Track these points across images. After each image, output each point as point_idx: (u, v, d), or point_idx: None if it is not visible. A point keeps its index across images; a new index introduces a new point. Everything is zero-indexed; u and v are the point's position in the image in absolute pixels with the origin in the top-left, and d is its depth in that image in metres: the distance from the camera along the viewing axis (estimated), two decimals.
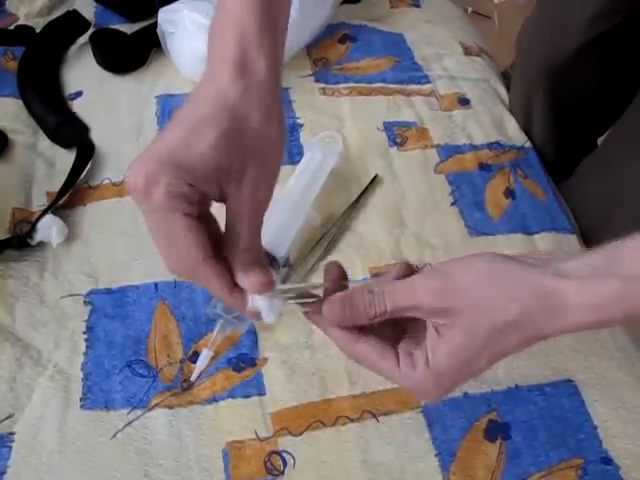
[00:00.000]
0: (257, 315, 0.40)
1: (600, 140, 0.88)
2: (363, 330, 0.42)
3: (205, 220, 0.39)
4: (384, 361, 0.40)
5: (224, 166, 0.37)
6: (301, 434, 0.52)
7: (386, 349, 0.41)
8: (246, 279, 0.38)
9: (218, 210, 0.40)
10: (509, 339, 0.37)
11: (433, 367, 0.38)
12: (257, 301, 0.40)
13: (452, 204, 0.70)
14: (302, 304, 0.44)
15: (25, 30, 0.82)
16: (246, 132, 0.37)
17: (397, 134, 0.77)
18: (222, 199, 0.38)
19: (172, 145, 0.36)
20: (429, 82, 0.84)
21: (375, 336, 0.42)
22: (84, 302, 0.60)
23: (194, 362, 0.56)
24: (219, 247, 0.39)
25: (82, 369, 0.56)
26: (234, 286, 0.39)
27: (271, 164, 0.39)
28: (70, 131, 0.74)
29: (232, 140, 0.37)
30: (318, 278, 0.61)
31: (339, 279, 0.44)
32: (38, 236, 0.62)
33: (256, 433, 0.52)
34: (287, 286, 0.44)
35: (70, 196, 0.68)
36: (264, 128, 0.38)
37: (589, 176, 0.78)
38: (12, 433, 0.52)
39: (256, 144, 0.38)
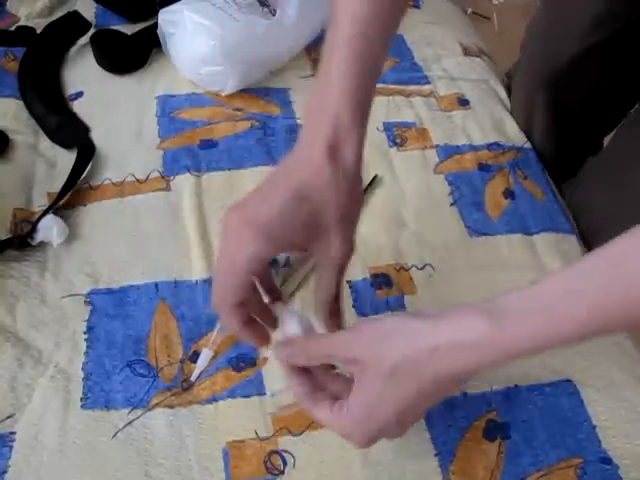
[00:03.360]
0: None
1: (606, 139, 0.88)
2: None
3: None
4: (319, 408, 0.44)
5: (309, 240, 0.43)
6: (301, 434, 0.53)
7: (322, 397, 0.45)
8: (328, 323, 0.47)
9: None
10: (403, 383, 0.40)
11: (351, 411, 0.42)
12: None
13: (452, 204, 0.70)
14: None
15: (26, 31, 0.83)
16: (331, 211, 0.43)
17: (397, 134, 0.77)
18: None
19: (268, 217, 0.41)
20: (429, 83, 0.84)
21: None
22: (85, 302, 0.60)
23: (194, 362, 0.56)
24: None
25: (83, 369, 0.56)
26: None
27: (350, 231, 0.46)
28: (71, 131, 0.75)
29: (318, 217, 0.43)
30: None
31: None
32: (39, 236, 0.62)
33: (256, 433, 0.53)
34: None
35: (71, 196, 0.68)
36: (346, 207, 0.44)
37: (592, 177, 0.78)
38: (13, 433, 0.52)
39: (338, 219, 0.43)
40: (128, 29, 0.85)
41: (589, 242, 0.72)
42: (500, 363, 0.38)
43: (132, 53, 0.82)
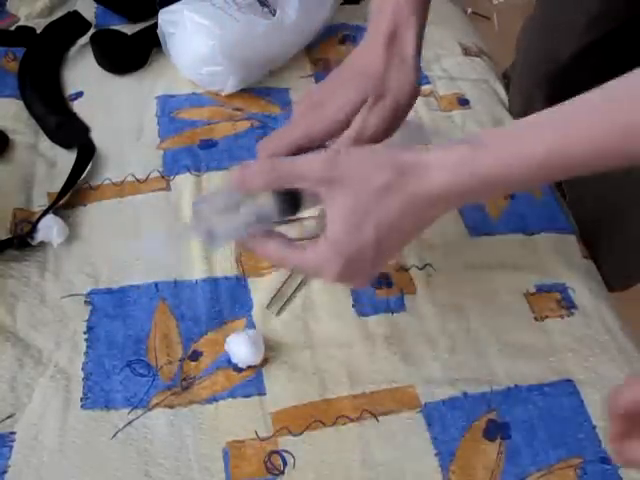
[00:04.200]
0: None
1: None
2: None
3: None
4: (292, 249, 0.45)
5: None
6: (301, 434, 0.53)
7: (294, 243, 0.46)
8: None
9: None
10: (390, 201, 0.41)
11: (329, 236, 0.42)
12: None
13: None
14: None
15: (26, 31, 0.83)
16: (388, 96, 0.49)
17: None
18: None
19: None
20: (429, 82, 0.84)
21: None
22: (85, 302, 0.60)
23: (194, 361, 0.56)
24: None
25: (83, 369, 0.56)
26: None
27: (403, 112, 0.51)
28: (71, 131, 0.75)
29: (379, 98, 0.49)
30: None
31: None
32: (39, 236, 0.62)
33: (256, 433, 0.53)
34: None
35: (71, 196, 0.68)
36: (401, 93, 0.50)
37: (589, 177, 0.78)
38: (13, 433, 0.52)
39: (392, 105, 0.49)
40: (128, 29, 0.85)
41: (588, 240, 0.72)
42: (479, 189, 0.40)
43: (132, 53, 0.82)
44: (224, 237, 0.47)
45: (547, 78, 0.78)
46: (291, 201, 0.45)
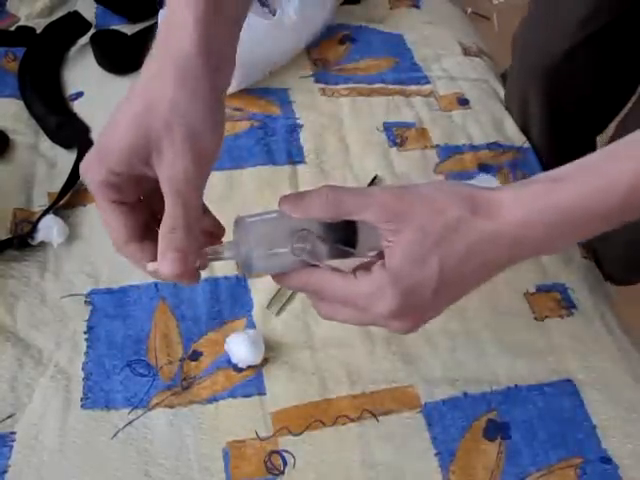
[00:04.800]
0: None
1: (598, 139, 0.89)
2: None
3: (145, 203, 0.41)
4: (338, 276, 0.40)
5: (138, 147, 0.37)
6: (301, 434, 0.53)
7: (341, 271, 0.41)
8: (161, 262, 0.38)
9: None
10: (459, 237, 0.38)
11: (389, 266, 0.39)
12: None
13: None
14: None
15: (26, 31, 0.83)
16: (157, 112, 0.37)
17: (397, 134, 0.77)
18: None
19: (100, 137, 0.38)
20: (429, 82, 0.84)
21: None
22: (85, 302, 0.60)
23: (194, 361, 0.56)
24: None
25: (83, 369, 0.56)
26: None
27: (193, 141, 0.37)
28: (71, 131, 0.75)
29: (142, 122, 0.37)
30: None
31: None
32: (39, 236, 0.62)
33: (256, 433, 0.53)
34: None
35: (71, 196, 0.68)
36: (177, 107, 0.37)
37: None
38: (13, 432, 0.52)
39: (167, 123, 0.37)
40: (128, 29, 0.85)
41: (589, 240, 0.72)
42: (552, 226, 0.38)
43: (132, 53, 0.82)
44: (263, 269, 0.42)
45: (542, 76, 0.79)
46: (345, 240, 0.41)
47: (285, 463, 0.51)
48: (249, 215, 0.42)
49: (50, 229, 0.63)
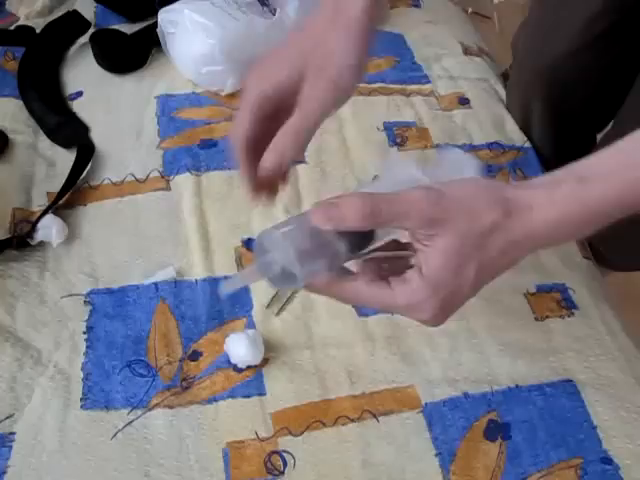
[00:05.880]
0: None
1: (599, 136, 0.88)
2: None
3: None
4: (375, 287, 0.41)
5: (292, 80, 0.46)
6: (301, 434, 0.53)
7: (374, 279, 0.41)
8: (266, 155, 0.46)
9: None
10: (493, 242, 0.39)
11: (427, 275, 0.39)
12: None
13: None
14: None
15: (25, 30, 0.83)
16: (319, 54, 0.46)
17: (397, 134, 0.77)
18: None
19: (266, 60, 0.49)
20: (429, 82, 0.84)
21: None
22: (84, 302, 0.60)
23: (193, 361, 0.56)
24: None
25: (82, 369, 0.56)
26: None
27: (336, 84, 0.46)
28: (70, 131, 0.74)
29: (304, 61, 0.46)
30: None
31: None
32: (38, 236, 0.62)
33: (256, 433, 0.52)
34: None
35: (70, 196, 0.68)
36: (339, 56, 0.46)
37: None
38: (12, 433, 0.52)
39: (323, 63, 0.46)
40: (128, 29, 0.85)
41: (590, 240, 0.72)
42: (583, 223, 0.39)
43: (132, 53, 0.82)
44: (303, 278, 0.40)
45: (544, 77, 0.79)
46: (363, 234, 0.41)
47: (285, 463, 0.51)
48: (273, 227, 0.40)
49: (49, 229, 0.62)
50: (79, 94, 0.80)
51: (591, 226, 0.40)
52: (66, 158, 0.71)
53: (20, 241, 0.62)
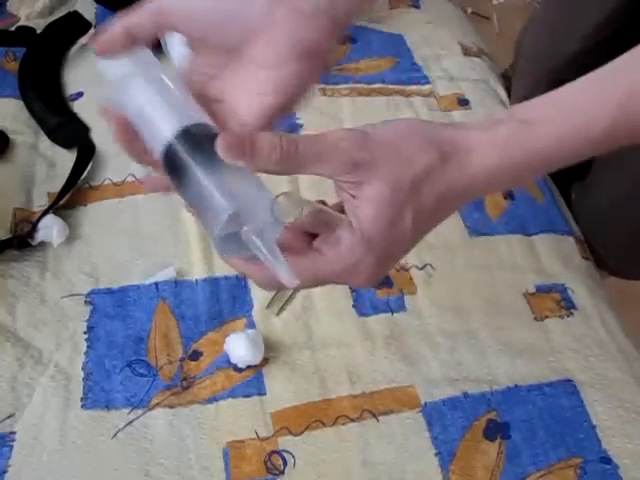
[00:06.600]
0: None
1: None
2: None
3: None
4: (303, 258, 0.36)
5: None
6: (301, 434, 0.53)
7: (302, 249, 0.36)
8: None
9: None
10: (428, 189, 0.35)
11: (358, 228, 0.34)
12: None
13: None
14: None
15: (26, 31, 0.83)
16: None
17: None
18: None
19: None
20: (428, 83, 0.84)
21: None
22: (85, 302, 0.60)
23: (194, 361, 0.56)
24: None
25: (83, 369, 0.56)
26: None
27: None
28: (71, 131, 0.75)
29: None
30: None
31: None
32: (39, 236, 0.62)
33: (256, 433, 0.53)
34: None
35: (71, 196, 0.68)
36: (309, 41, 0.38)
37: (595, 176, 0.78)
38: (13, 432, 0.52)
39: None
40: None
41: (592, 243, 0.72)
42: (525, 168, 0.36)
43: None
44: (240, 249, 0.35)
45: (550, 79, 0.79)
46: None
47: (285, 463, 0.51)
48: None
49: (50, 229, 0.63)
50: (80, 95, 0.80)
51: (534, 173, 0.37)
52: (67, 158, 0.71)
53: (21, 241, 0.62)
